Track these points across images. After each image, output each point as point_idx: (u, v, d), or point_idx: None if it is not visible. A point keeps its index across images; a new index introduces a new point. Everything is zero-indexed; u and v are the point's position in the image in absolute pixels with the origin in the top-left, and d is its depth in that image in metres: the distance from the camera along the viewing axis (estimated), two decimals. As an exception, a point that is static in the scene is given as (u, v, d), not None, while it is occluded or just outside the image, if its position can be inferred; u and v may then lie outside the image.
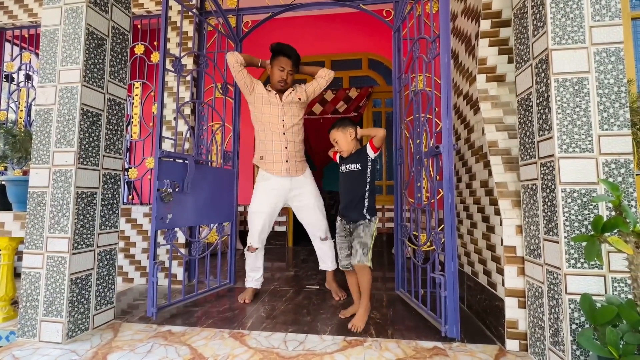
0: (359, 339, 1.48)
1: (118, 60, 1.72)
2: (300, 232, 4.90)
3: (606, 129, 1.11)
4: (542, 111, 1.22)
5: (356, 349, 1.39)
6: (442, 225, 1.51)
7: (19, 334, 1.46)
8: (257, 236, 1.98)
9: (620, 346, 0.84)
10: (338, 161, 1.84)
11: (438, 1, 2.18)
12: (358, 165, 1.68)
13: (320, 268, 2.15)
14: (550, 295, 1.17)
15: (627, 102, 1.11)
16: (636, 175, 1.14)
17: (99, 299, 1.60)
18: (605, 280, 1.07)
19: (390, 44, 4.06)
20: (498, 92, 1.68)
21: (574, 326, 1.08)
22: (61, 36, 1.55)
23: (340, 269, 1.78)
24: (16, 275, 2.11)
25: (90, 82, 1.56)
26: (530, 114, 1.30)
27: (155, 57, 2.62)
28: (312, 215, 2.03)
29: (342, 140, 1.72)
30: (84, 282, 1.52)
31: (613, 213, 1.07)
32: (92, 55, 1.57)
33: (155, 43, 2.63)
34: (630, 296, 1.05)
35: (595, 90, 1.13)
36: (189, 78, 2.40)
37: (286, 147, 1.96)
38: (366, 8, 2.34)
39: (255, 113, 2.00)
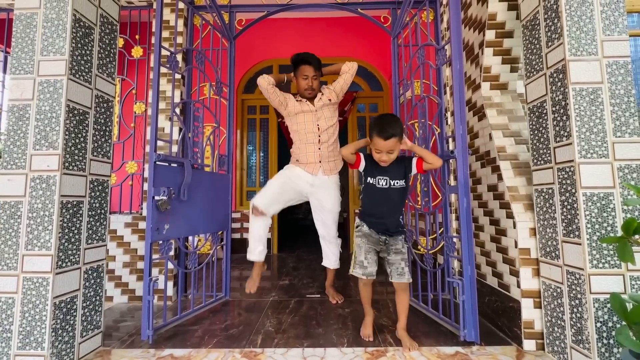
0: (380, 349, 1.43)
1: (107, 53, 1.54)
2: (284, 239, 4.77)
3: (619, 136, 1.19)
4: (558, 119, 1.27)
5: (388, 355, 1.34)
6: (452, 229, 1.52)
7: (-14, 373, 1.22)
8: (265, 197, 1.90)
9: (660, 343, 0.88)
10: (363, 172, 1.55)
11: (434, 10, 2.24)
12: (403, 182, 1.50)
13: (322, 264, 2.14)
14: (571, 295, 1.22)
15: (636, 112, 1.19)
16: None
17: (85, 324, 1.39)
18: (624, 279, 1.13)
19: (375, 51, 4.18)
20: (502, 99, 1.75)
21: (598, 324, 1.12)
22: (41, 21, 1.34)
23: (362, 276, 1.49)
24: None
25: (77, 76, 1.37)
26: (544, 121, 1.35)
27: (137, 51, 2.40)
28: (328, 219, 2.03)
29: (397, 153, 1.47)
30: (68, 306, 1.31)
31: (629, 215, 1.14)
32: (79, 45, 1.38)
33: (137, 37, 2.41)
34: (647, 293, 1.12)
35: (608, 99, 1.20)
36: (177, 76, 2.22)
37: (319, 149, 1.98)
38: (365, 13, 2.33)
39: (292, 125, 2.03)
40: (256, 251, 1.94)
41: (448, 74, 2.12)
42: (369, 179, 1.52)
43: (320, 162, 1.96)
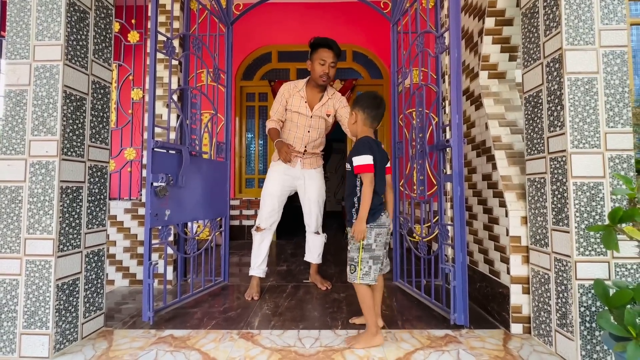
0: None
1: (102, 38, 1.53)
2: (283, 225, 4.82)
3: (612, 127, 1.20)
4: (553, 108, 1.28)
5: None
6: (446, 217, 1.55)
7: (-7, 350, 1.27)
8: (265, 216, 2.00)
9: (638, 325, 0.92)
10: None
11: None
12: (348, 165, 1.41)
13: (305, 259, 2.21)
14: (558, 281, 1.25)
15: (629, 102, 1.20)
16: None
17: (87, 305, 1.43)
18: (609, 266, 1.17)
19: (375, 38, 4.12)
20: (499, 88, 1.75)
21: (582, 309, 1.17)
22: (35, 5, 1.33)
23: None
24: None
25: (73, 61, 1.36)
26: (539, 111, 1.36)
27: (134, 36, 2.37)
28: (312, 208, 2.08)
29: (355, 118, 1.43)
30: (71, 288, 1.35)
31: (617, 204, 1.17)
32: (74, 30, 1.37)
33: (133, 21, 2.37)
34: (630, 279, 1.15)
35: (602, 90, 1.21)
36: (174, 62, 2.20)
37: (304, 153, 2.04)
38: (364, -2, 2.29)
39: (288, 114, 2.04)
40: (255, 266, 2.00)
41: (447, 62, 2.11)
42: None
43: (301, 160, 2.03)
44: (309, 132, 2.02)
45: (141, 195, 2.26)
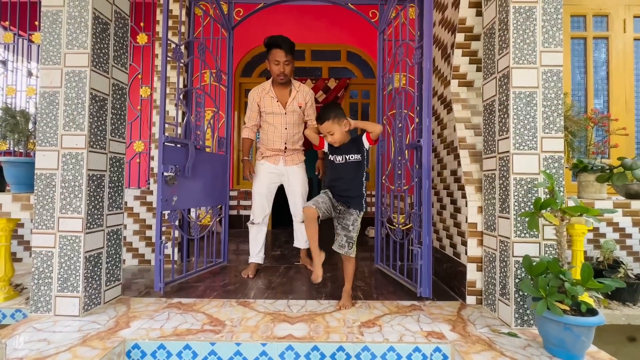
0: (352, 302, 1.75)
1: (120, 45, 1.75)
2: (278, 216, 5.09)
3: (547, 132, 1.46)
4: (502, 116, 1.54)
5: (350, 309, 1.66)
6: (420, 207, 1.81)
7: (32, 309, 1.52)
8: (257, 212, 2.25)
9: (547, 288, 1.19)
10: (328, 151, 1.80)
11: (419, 7, 2.43)
12: (358, 156, 1.71)
13: (294, 245, 2.46)
14: (501, 259, 1.52)
15: (563, 112, 1.46)
16: (565, 168, 1.51)
17: (108, 275, 1.68)
18: (539, 246, 1.44)
19: (369, 39, 4.34)
20: (467, 95, 1.99)
21: (516, 280, 1.44)
22: (65, 18, 1.55)
23: (312, 206, 1.66)
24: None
25: (97, 67, 1.59)
26: (493, 118, 1.61)
27: (142, 38, 2.58)
28: (296, 200, 2.31)
29: (338, 132, 1.70)
30: (96, 260, 1.60)
31: (548, 196, 1.43)
32: (98, 39, 1.59)
33: (142, 24, 2.58)
34: (555, 256, 1.42)
35: (541, 102, 1.46)
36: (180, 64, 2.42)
37: (284, 150, 2.25)
38: (354, 8, 2.52)
39: (263, 118, 2.25)
40: (254, 255, 2.25)
41: (426, 69, 2.34)
42: (330, 156, 1.79)
43: (283, 157, 2.25)
44: (286, 129, 2.22)
45: (149, 184, 2.50)
